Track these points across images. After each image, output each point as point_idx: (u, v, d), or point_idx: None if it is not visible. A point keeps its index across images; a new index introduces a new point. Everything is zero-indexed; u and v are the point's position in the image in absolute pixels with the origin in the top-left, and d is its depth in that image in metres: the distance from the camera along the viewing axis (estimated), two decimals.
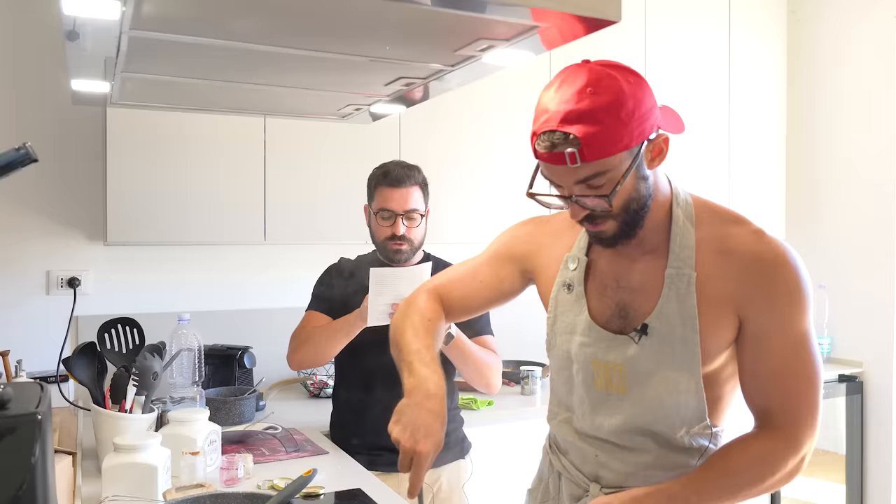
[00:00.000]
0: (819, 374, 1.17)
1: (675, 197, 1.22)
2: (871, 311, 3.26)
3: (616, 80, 1.09)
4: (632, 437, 1.24)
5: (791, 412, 1.17)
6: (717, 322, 1.16)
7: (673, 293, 1.18)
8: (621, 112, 1.08)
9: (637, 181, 1.14)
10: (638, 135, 1.10)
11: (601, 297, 1.27)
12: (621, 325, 1.24)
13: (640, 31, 3.08)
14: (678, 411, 1.20)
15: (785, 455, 1.16)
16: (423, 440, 1.19)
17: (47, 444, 0.96)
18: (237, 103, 2.09)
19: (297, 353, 2.05)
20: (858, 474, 3.30)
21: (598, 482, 1.29)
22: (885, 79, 3.22)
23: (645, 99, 1.11)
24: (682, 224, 1.20)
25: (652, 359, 1.19)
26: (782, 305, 1.15)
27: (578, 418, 1.31)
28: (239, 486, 1.63)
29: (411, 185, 2.01)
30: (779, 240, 1.18)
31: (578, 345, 1.28)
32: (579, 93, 1.09)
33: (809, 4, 3.51)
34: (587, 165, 1.09)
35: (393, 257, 2.04)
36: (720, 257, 1.17)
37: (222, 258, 2.75)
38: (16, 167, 1.11)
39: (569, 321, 1.30)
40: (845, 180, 3.39)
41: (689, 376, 1.17)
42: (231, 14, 1.26)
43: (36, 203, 2.51)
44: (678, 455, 1.23)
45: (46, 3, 2.46)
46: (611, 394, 1.25)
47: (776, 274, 1.14)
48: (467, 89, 1.82)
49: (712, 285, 1.16)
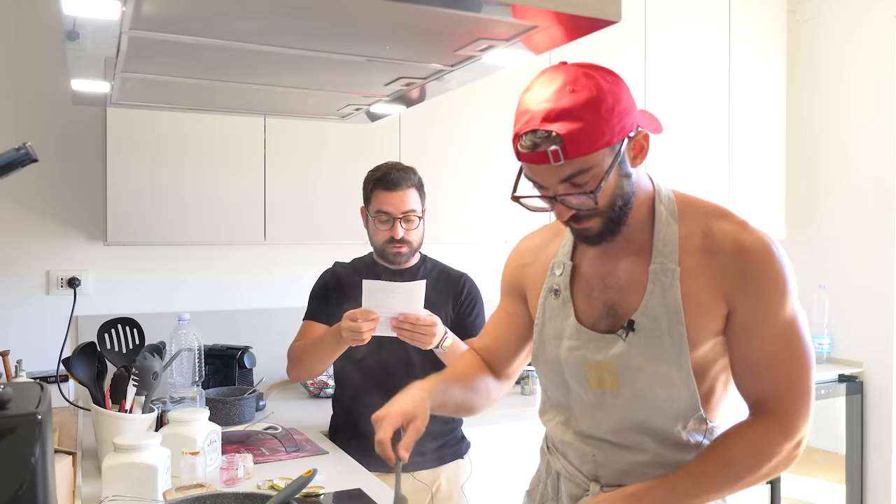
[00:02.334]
0: (809, 357, 1.19)
1: (657, 193, 1.25)
2: (871, 311, 3.26)
3: (594, 77, 1.12)
4: (630, 435, 1.25)
5: (784, 398, 1.18)
6: (703, 314, 1.18)
7: (657, 288, 1.20)
8: (601, 108, 1.09)
9: (620, 178, 1.16)
10: (619, 131, 1.12)
11: (588, 298, 1.29)
12: (610, 325, 1.25)
13: (640, 31, 3.08)
14: (672, 404, 1.21)
15: (780, 440, 1.18)
16: (388, 407, 1.25)
17: (47, 444, 0.96)
18: (237, 103, 2.10)
19: (291, 370, 2.07)
20: (858, 474, 3.30)
21: (597, 481, 1.29)
22: (885, 79, 3.22)
23: (623, 96, 1.13)
24: (665, 220, 1.22)
25: (640, 354, 1.21)
26: (768, 294, 1.17)
27: (577, 419, 1.32)
28: (239, 486, 1.64)
29: (408, 187, 2.00)
30: (761, 230, 1.20)
31: (567, 349, 1.29)
32: (559, 91, 1.10)
33: (809, 4, 3.51)
34: (570, 163, 1.10)
35: (393, 260, 2.04)
36: (704, 251, 1.19)
37: (222, 258, 2.75)
38: (16, 167, 1.11)
39: (556, 326, 1.31)
40: (845, 180, 3.38)
41: (678, 369, 1.19)
42: (231, 14, 1.26)
43: (36, 203, 2.51)
44: (675, 452, 1.24)
45: (46, 3, 2.46)
46: (605, 393, 1.25)
47: (760, 264, 1.16)
48: (467, 89, 1.82)
49: (697, 278, 1.18)
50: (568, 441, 1.33)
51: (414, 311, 1.85)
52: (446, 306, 2.06)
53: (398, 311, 1.85)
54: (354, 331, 1.84)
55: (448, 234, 2.71)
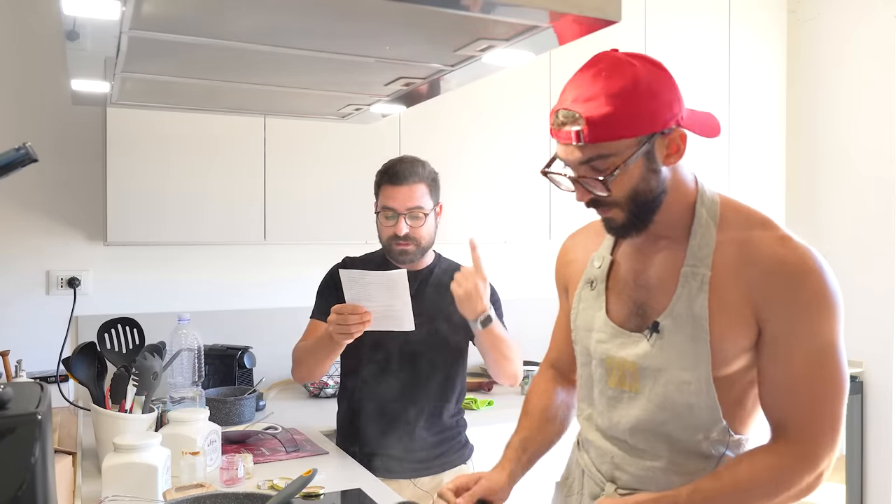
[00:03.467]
0: (844, 388, 1.12)
1: (700, 195, 1.21)
2: (871, 311, 3.26)
3: (633, 67, 1.11)
4: (646, 438, 1.22)
5: (810, 426, 1.12)
6: (732, 324, 1.13)
7: (686, 291, 1.16)
8: (631, 98, 1.09)
9: (646, 172, 1.14)
10: (647, 125, 1.10)
11: (620, 295, 1.27)
12: (638, 324, 1.23)
13: (640, 31, 3.08)
14: (691, 412, 1.17)
15: (801, 472, 1.12)
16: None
17: (47, 444, 0.96)
18: (237, 103, 2.09)
19: (295, 372, 2.03)
20: (858, 474, 3.30)
21: (614, 482, 1.28)
22: (885, 79, 3.22)
23: (661, 91, 1.11)
24: (705, 223, 1.18)
25: (662, 357, 1.18)
26: (805, 313, 1.10)
27: (598, 414, 1.31)
28: (239, 486, 1.63)
29: (415, 181, 1.91)
30: (806, 245, 1.14)
31: (595, 341, 1.28)
32: (594, 76, 1.11)
33: (809, 4, 3.51)
34: (591, 146, 1.10)
35: (398, 258, 1.95)
36: (741, 260, 1.14)
37: (222, 258, 2.75)
38: (16, 167, 1.11)
39: (588, 317, 1.31)
40: (845, 180, 3.38)
41: (697, 377, 1.15)
42: (231, 14, 1.26)
43: (36, 203, 2.51)
44: (696, 462, 1.19)
45: (46, 3, 2.46)
46: (624, 392, 1.24)
47: (799, 280, 1.11)
48: (467, 89, 1.82)
49: (730, 287, 1.14)
50: (591, 439, 1.32)
51: (400, 300, 1.76)
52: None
53: (385, 304, 1.77)
54: (341, 324, 1.76)
55: (448, 234, 2.70)
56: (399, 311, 1.78)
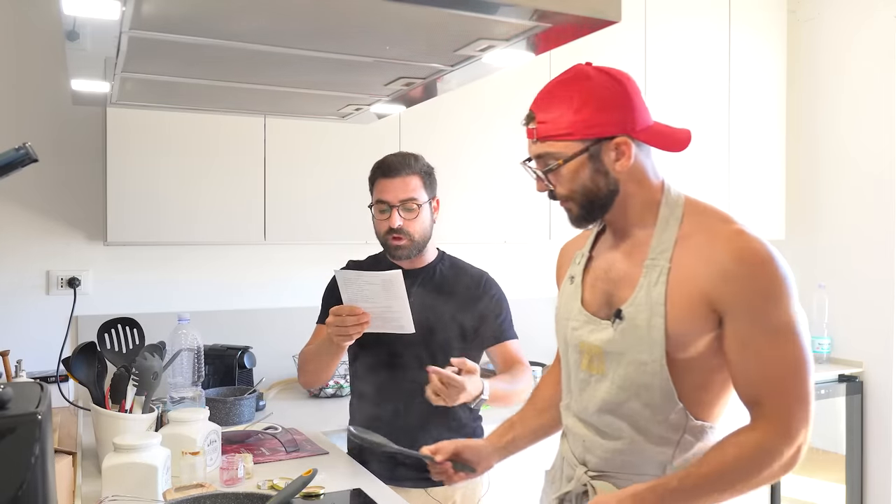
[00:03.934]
0: (807, 362, 1.20)
1: (665, 197, 1.31)
2: (871, 311, 3.26)
3: (589, 79, 1.25)
4: (610, 419, 1.31)
5: (782, 403, 1.19)
6: (690, 313, 1.22)
7: (647, 281, 1.27)
8: (577, 105, 1.23)
9: (593, 173, 1.27)
10: (591, 131, 1.24)
11: (593, 287, 1.38)
12: (607, 313, 1.33)
13: (640, 31, 3.08)
14: (649, 392, 1.26)
15: (779, 446, 1.19)
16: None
17: (47, 444, 0.96)
18: (237, 103, 2.10)
19: (301, 377, 2.02)
20: (858, 474, 3.30)
21: (584, 465, 1.36)
22: (885, 79, 3.22)
23: (611, 100, 1.24)
24: (668, 220, 1.29)
25: (623, 342, 1.28)
26: (763, 300, 1.19)
27: (574, 400, 1.40)
28: (239, 486, 1.63)
29: (408, 173, 1.88)
30: (759, 237, 1.22)
31: (571, 329, 1.39)
32: (556, 83, 1.28)
33: (809, 4, 3.51)
34: (541, 143, 1.27)
35: (393, 253, 1.92)
36: (700, 253, 1.23)
37: (222, 258, 2.75)
38: (16, 167, 1.11)
39: (566, 308, 1.42)
40: (845, 180, 3.38)
41: (653, 358, 1.24)
42: (231, 14, 1.26)
43: (36, 203, 2.51)
44: (653, 445, 1.28)
45: (46, 3, 2.46)
46: (592, 375, 1.34)
47: (755, 270, 1.19)
48: (467, 89, 1.82)
49: (688, 278, 1.23)
50: (569, 425, 1.42)
51: (398, 301, 1.74)
52: (467, 307, 1.94)
53: (383, 304, 1.75)
54: (339, 325, 1.74)
55: (448, 234, 2.70)
56: (398, 313, 1.77)
